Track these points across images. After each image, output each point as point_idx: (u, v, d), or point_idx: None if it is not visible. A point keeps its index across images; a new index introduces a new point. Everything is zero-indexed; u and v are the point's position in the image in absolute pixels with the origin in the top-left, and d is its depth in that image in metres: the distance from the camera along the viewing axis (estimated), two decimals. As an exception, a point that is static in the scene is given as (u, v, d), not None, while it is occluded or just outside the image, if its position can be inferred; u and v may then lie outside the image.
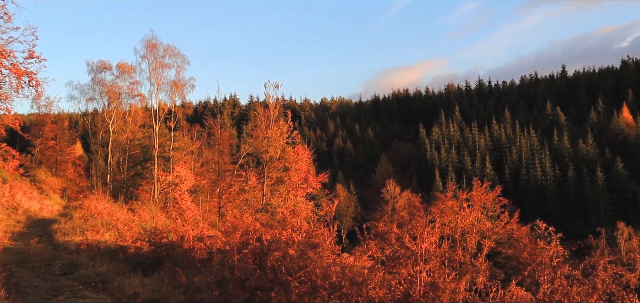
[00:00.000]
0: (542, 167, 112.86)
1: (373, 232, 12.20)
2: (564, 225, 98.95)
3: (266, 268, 11.43)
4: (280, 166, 41.43)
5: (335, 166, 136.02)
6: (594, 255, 11.52)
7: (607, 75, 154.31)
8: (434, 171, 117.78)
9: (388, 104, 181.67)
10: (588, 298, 11.32)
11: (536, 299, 11.98)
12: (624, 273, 11.63)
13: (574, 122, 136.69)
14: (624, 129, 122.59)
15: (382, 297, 11.10)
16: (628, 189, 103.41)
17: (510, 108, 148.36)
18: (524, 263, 12.82)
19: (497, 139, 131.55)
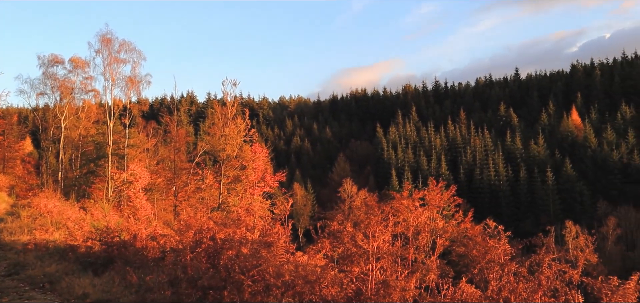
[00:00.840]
0: (496, 167, 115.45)
1: (326, 231, 12.30)
2: (516, 223, 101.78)
3: (219, 267, 11.38)
4: (237, 165, 41.20)
5: (292, 165, 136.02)
6: (539, 253, 11.94)
7: (557, 79, 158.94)
8: (390, 171, 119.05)
9: (346, 104, 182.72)
10: (534, 295, 11.71)
11: (485, 296, 12.31)
12: (567, 270, 12.07)
13: (526, 124, 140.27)
14: (573, 131, 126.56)
15: (335, 295, 11.20)
16: (576, 189, 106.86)
17: (465, 109, 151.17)
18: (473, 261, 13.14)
19: (453, 139, 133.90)
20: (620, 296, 11.84)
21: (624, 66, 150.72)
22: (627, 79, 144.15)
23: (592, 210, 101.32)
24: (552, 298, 11.92)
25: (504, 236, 13.84)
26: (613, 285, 11.95)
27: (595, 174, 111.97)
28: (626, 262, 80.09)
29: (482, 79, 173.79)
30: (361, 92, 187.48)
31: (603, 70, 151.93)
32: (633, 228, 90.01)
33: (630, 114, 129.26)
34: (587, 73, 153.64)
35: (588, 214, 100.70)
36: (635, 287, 12.31)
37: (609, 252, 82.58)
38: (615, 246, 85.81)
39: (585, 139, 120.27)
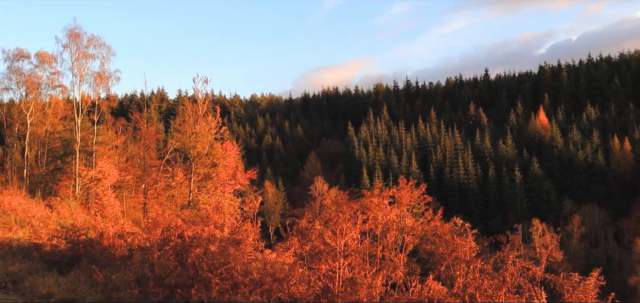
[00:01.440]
0: (465, 166, 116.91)
1: (295, 229, 12.34)
2: (485, 221, 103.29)
3: (187, 265, 11.33)
4: (208, 162, 40.95)
5: (264, 163, 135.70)
6: (504, 250, 12.20)
7: (526, 79, 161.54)
8: (361, 169, 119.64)
9: (318, 102, 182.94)
10: (498, 291, 11.94)
11: (451, 293, 12.51)
12: (530, 267, 12.35)
13: (495, 123, 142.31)
14: (540, 131, 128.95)
15: (303, 293, 11.26)
16: (543, 188, 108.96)
17: (436, 108, 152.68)
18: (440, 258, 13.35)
19: (423, 138, 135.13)
20: (581, 292, 12.16)
21: (590, 68, 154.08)
22: (593, 81, 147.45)
23: (558, 209, 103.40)
24: (516, 295, 12.19)
25: (470, 233, 14.08)
26: (574, 281, 12.26)
27: (562, 173, 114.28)
28: (590, 259, 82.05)
29: (453, 78, 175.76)
30: (333, 90, 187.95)
31: (570, 72, 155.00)
32: (597, 226, 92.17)
33: (595, 115, 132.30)
34: (554, 74, 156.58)
35: (554, 212, 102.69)
36: (596, 283, 12.66)
37: (574, 250, 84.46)
38: (580, 243, 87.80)
39: (552, 139, 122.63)
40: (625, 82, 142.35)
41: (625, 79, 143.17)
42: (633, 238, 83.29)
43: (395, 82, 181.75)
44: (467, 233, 14.12)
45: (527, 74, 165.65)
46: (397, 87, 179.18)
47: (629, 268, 77.93)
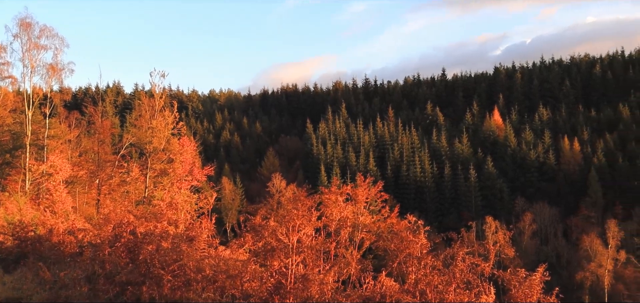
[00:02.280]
0: (422, 164, 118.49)
1: (248, 225, 12.35)
2: (440, 219, 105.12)
3: (139, 262, 11.20)
4: (164, 158, 40.36)
5: (221, 159, 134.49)
6: (454, 247, 12.49)
7: (481, 80, 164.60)
8: (319, 166, 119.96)
9: (277, 99, 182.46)
10: (448, 287, 12.23)
11: (403, 289, 12.73)
12: (480, 263, 12.70)
13: (452, 122, 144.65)
14: (495, 131, 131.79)
15: (257, 289, 11.27)
16: (496, 186, 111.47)
17: (394, 107, 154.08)
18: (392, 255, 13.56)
19: (381, 136, 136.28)
20: (527, 287, 12.59)
21: (542, 70, 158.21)
22: (545, 82, 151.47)
23: (511, 206, 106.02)
24: (465, 290, 12.50)
25: (422, 231, 14.36)
26: (521, 277, 12.69)
27: (514, 172, 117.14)
28: (540, 256, 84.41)
29: (411, 78, 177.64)
30: (292, 87, 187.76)
31: (523, 73, 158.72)
32: (547, 224, 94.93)
33: (547, 116, 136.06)
34: (509, 76, 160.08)
35: (507, 210, 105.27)
36: (541, 279, 13.13)
37: (526, 246, 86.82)
38: (531, 240, 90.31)
39: (506, 138, 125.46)
40: (576, 85, 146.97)
41: (575, 81, 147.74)
42: (580, 236, 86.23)
43: (355, 81, 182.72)
44: (420, 230, 14.40)
45: (483, 74, 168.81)
46: (356, 85, 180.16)
47: (576, 264, 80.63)
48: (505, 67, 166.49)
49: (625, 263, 75.71)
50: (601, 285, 74.24)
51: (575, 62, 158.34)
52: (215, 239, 14.69)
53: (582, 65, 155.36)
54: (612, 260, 75.78)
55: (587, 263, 76.29)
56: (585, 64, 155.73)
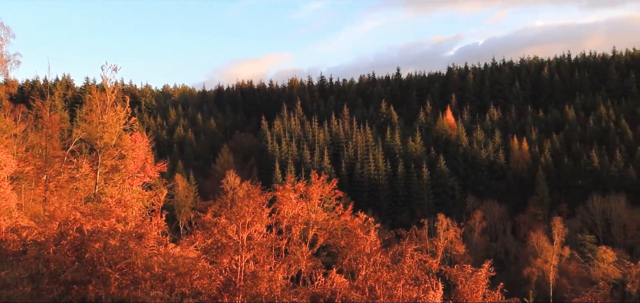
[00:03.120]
0: (376, 162, 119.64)
1: (198, 222, 12.26)
2: (393, 216, 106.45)
3: (85, 261, 10.95)
4: (115, 154, 39.47)
5: (175, 156, 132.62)
6: (402, 244, 12.73)
7: (435, 80, 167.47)
8: (274, 164, 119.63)
9: (232, 95, 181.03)
10: (397, 283, 12.45)
11: (352, 285, 12.90)
12: (428, 260, 12.99)
13: (405, 121, 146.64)
14: (447, 130, 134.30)
15: (206, 287, 11.21)
16: (448, 184, 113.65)
17: (349, 105, 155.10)
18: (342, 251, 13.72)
19: (336, 134, 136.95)
20: (473, 282, 12.93)
21: (494, 72, 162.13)
22: (496, 83, 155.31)
23: (462, 204, 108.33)
24: (414, 286, 12.76)
25: (373, 228, 14.57)
26: (467, 272, 13.03)
27: (466, 170, 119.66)
28: (490, 252, 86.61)
29: (366, 76, 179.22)
30: (248, 84, 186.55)
31: (475, 74, 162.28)
32: (496, 221, 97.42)
33: (498, 116, 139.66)
34: (461, 76, 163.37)
35: (458, 208, 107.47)
36: (486, 274, 13.51)
37: (476, 243, 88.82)
38: (481, 237, 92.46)
39: (458, 138, 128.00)
40: (525, 86, 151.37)
41: (525, 83, 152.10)
42: (528, 232, 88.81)
43: (310, 78, 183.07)
44: (370, 227, 14.61)
45: (437, 74, 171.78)
46: (311, 83, 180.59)
47: (523, 260, 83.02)
48: (458, 67, 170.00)
49: (569, 258, 78.32)
50: (547, 280, 76.61)
51: (525, 64, 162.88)
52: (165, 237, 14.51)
53: (531, 67, 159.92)
54: (557, 256, 78.29)
55: (534, 259, 78.58)
56: (534, 66, 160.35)
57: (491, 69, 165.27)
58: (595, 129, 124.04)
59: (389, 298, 12.38)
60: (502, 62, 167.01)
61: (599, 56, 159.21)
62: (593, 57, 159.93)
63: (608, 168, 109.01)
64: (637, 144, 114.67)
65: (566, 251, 79.32)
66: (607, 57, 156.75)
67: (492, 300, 13.07)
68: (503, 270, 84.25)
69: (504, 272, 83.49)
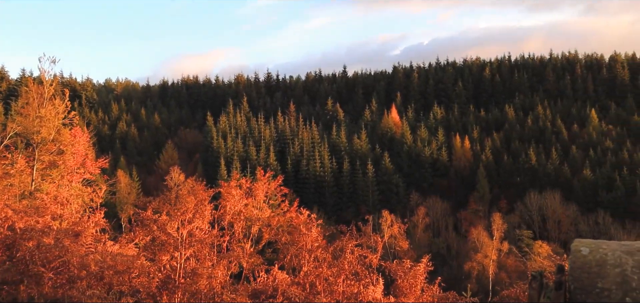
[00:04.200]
0: (321, 159, 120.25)
1: (138, 219, 12.05)
2: (338, 212, 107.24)
3: (17, 260, 10.59)
4: (54, 149, 38.18)
5: (117, 151, 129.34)
6: (342, 240, 12.91)
7: (381, 78, 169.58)
8: (219, 160, 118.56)
9: (177, 90, 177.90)
10: (337, 278, 12.62)
11: (293, 281, 12.98)
12: (368, 255, 13.21)
13: (351, 119, 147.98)
14: (392, 128, 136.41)
15: (145, 285, 11.04)
16: (393, 181, 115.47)
17: (295, 102, 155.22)
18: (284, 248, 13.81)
19: (282, 131, 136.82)
20: (412, 277, 13.24)
21: (438, 71, 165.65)
22: (440, 83, 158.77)
23: (406, 201, 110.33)
24: (355, 281, 12.96)
25: (315, 224, 14.69)
26: (406, 267, 13.33)
27: (410, 167, 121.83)
28: (432, 247, 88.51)
29: (312, 74, 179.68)
30: (193, 79, 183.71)
31: (420, 73, 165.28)
32: (439, 217, 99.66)
33: (441, 114, 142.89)
34: (406, 75, 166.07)
35: (402, 204, 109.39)
36: (425, 269, 13.86)
37: (419, 239, 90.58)
38: (424, 233, 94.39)
39: (403, 135, 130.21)
40: (467, 86, 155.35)
41: (467, 83, 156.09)
42: (469, 228, 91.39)
43: (257, 74, 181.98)
44: (312, 223, 14.72)
45: (382, 73, 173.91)
46: (258, 79, 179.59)
47: (464, 254, 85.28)
48: (403, 66, 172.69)
49: (508, 253, 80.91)
50: (486, 274, 78.93)
51: (468, 65, 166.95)
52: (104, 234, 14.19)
53: (473, 68, 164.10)
54: (496, 251, 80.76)
55: (475, 254, 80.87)
56: (476, 66, 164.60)
57: (435, 68, 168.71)
58: (533, 129, 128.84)
59: (330, 293, 12.53)
60: (446, 62, 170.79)
61: (537, 58, 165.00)
62: (532, 59, 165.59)
63: (544, 166, 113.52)
64: (572, 144, 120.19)
65: (505, 246, 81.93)
66: (545, 60, 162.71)
67: (430, 294, 13.42)
68: (445, 265, 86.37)
69: (446, 267, 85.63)
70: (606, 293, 4.13)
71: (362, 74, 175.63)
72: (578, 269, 4.30)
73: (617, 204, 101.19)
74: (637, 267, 4.19)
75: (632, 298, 4.06)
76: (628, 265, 4.21)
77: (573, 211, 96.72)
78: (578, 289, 4.23)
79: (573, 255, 4.39)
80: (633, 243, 4.45)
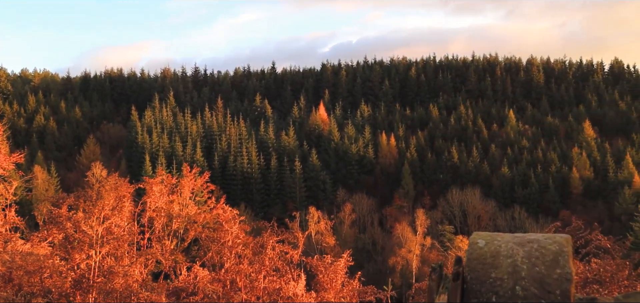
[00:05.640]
0: (249, 156, 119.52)
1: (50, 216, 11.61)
2: (265, 209, 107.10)
3: None
4: (-38, 143, 36.06)
5: (34, 146, 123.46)
6: (263, 236, 12.97)
7: (309, 75, 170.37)
8: (144, 156, 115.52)
9: (100, 83, 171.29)
10: (258, 275, 12.66)
11: (215, 278, 12.92)
12: (289, 251, 13.33)
13: (279, 115, 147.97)
14: (320, 125, 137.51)
15: (59, 285, 10.65)
16: (320, 178, 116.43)
17: (223, 97, 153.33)
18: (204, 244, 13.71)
19: (209, 127, 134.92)
20: (332, 271, 13.47)
21: (365, 70, 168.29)
22: (367, 81, 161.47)
23: (333, 197, 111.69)
24: (275, 277, 13.04)
25: (237, 221, 14.65)
26: (327, 262, 13.55)
27: (337, 164, 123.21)
28: (358, 243, 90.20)
29: (241, 69, 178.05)
30: (117, 71, 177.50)
31: (348, 71, 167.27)
32: (365, 213, 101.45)
33: (368, 112, 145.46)
34: (335, 72, 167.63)
35: (329, 201, 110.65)
36: (345, 264, 14.14)
37: (345, 234, 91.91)
38: (350, 229, 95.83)
39: (330, 133, 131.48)
40: (394, 85, 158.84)
41: (394, 82, 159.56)
42: (394, 224, 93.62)
43: (184, 69, 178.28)
44: (235, 220, 14.68)
45: (311, 70, 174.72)
46: (185, 73, 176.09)
47: (389, 249, 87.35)
48: (332, 64, 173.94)
49: (430, 247, 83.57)
50: (410, 268, 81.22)
51: (395, 64, 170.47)
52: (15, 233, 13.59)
53: (400, 67, 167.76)
54: (419, 246, 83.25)
55: (399, 249, 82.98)
56: (403, 66, 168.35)
57: (363, 67, 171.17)
58: (455, 128, 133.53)
59: (251, 290, 12.55)
60: (374, 61, 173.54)
61: (461, 60, 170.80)
62: (455, 60, 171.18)
63: (466, 163, 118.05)
64: (491, 142, 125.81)
65: (428, 241, 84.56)
66: (467, 61, 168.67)
67: (350, 288, 13.70)
68: (371, 260, 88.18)
69: (372, 262, 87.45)
70: (499, 282, 4.40)
71: (291, 71, 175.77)
72: (474, 260, 4.55)
73: (532, 200, 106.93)
74: (527, 257, 4.49)
75: (522, 287, 4.35)
76: (519, 256, 4.50)
77: (492, 207, 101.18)
78: (474, 279, 4.49)
79: (470, 247, 4.64)
80: (525, 235, 4.75)
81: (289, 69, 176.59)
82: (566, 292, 4.35)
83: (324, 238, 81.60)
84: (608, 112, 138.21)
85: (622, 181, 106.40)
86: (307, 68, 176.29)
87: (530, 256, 4.51)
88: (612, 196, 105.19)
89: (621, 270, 11.90)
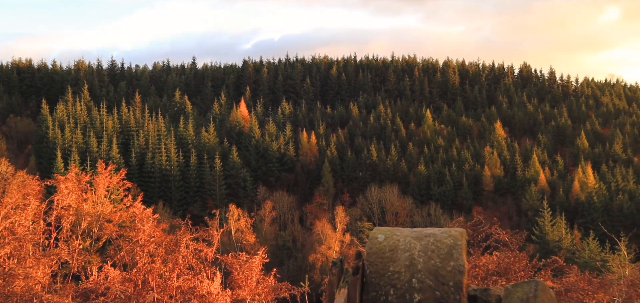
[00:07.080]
0: (168, 152, 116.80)
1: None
2: (185, 207, 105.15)
3: None
4: None
5: None
6: (177, 234, 12.79)
7: (230, 72, 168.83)
8: (56, 152, 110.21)
9: (6, 74, 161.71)
10: (171, 273, 12.47)
11: (126, 278, 12.60)
12: (203, 249, 13.22)
13: (199, 112, 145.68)
14: (241, 122, 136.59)
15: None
16: (240, 175, 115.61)
17: (141, 92, 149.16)
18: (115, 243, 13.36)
19: (126, 122, 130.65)
20: (247, 269, 13.50)
21: (287, 67, 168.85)
22: (289, 79, 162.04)
23: (253, 195, 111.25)
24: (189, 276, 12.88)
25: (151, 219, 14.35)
26: (242, 260, 13.56)
27: (258, 162, 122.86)
28: (279, 240, 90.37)
29: (160, 64, 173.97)
30: (26, 63, 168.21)
31: (270, 68, 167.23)
32: (285, 211, 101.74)
33: (289, 110, 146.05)
34: (256, 69, 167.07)
35: (250, 198, 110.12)
36: (260, 261, 14.20)
37: (266, 232, 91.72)
38: (270, 226, 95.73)
39: (251, 130, 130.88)
40: (315, 83, 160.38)
41: (315, 80, 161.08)
42: (314, 221, 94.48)
43: (100, 61, 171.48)
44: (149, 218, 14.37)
45: (232, 66, 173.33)
46: (101, 66, 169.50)
47: (309, 246, 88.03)
48: (253, 61, 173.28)
49: (350, 244, 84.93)
50: (329, 264, 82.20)
51: (316, 63, 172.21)
52: None
53: (321, 66, 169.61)
54: (339, 242, 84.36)
55: (319, 246, 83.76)
56: (324, 65, 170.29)
57: (285, 64, 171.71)
58: (374, 126, 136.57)
59: (164, 289, 12.34)
60: (296, 59, 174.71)
61: (381, 60, 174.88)
62: (375, 60, 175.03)
63: (384, 161, 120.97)
64: (409, 141, 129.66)
65: (347, 237, 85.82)
66: (387, 62, 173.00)
67: (265, 285, 13.77)
68: (291, 257, 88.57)
69: (292, 259, 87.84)
70: (396, 276, 4.61)
71: (211, 67, 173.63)
72: (374, 254, 4.74)
73: (447, 197, 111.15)
74: (423, 250, 4.73)
75: (418, 279, 4.58)
76: (416, 250, 4.73)
77: (409, 204, 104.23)
78: (373, 273, 4.67)
79: (370, 242, 4.83)
80: (423, 230, 5.00)
81: (209, 65, 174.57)
82: (459, 283, 4.61)
83: (244, 235, 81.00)
84: (517, 114, 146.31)
85: (529, 179, 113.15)
86: (228, 64, 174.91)
87: (427, 250, 4.75)
88: (520, 193, 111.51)
89: (519, 261, 12.71)
